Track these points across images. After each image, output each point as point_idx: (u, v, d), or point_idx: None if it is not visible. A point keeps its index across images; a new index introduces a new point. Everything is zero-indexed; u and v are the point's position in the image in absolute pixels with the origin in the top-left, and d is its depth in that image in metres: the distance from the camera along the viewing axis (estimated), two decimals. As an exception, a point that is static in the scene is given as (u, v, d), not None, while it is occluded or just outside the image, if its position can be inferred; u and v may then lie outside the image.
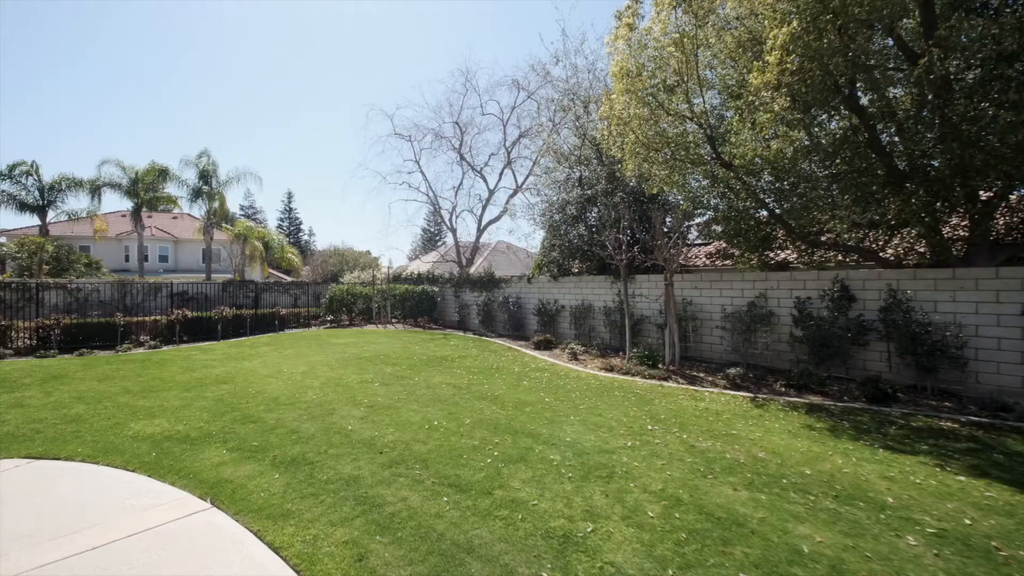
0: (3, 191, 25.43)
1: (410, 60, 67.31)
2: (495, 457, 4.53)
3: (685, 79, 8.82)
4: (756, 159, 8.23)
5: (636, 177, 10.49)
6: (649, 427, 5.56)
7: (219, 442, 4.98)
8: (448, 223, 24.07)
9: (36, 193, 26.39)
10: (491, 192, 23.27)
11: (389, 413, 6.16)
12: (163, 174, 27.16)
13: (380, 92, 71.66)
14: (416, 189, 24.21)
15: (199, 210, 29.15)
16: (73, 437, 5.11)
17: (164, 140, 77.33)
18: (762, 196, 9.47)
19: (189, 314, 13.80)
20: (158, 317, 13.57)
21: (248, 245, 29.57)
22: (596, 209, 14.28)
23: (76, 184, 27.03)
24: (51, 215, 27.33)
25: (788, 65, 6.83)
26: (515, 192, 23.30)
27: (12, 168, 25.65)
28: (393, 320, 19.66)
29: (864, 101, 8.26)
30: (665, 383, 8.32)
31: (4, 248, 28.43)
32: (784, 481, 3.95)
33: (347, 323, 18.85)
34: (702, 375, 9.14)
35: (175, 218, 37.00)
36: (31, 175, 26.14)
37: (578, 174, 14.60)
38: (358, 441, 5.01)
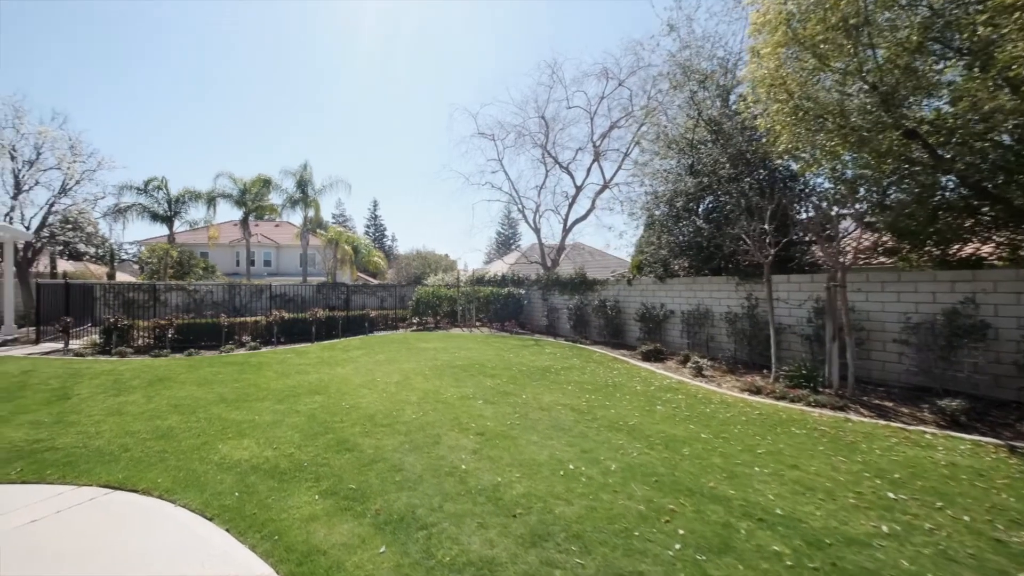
0: (139, 204, 28.37)
1: (494, 56, 67.11)
2: (682, 539, 3.07)
3: (856, 27, 6.78)
4: (995, 114, 5.95)
5: (789, 153, 8.45)
6: (890, 494, 3.77)
7: (311, 479, 4.03)
8: (532, 223, 22.93)
9: (165, 205, 29.17)
10: (578, 189, 21.76)
11: (506, 446, 4.93)
12: (267, 184, 28.92)
13: (463, 91, 72.40)
14: (499, 189, 23.37)
15: (297, 218, 30.88)
16: (158, 460, 4.45)
17: (244, 148, 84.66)
18: (981, 168, 7.06)
19: (285, 316, 13.85)
20: (258, 318, 13.76)
21: (339, 249, 30.73)
22: (711, 199, 12.29)
23: (196, 196, 29.55)
24: (176, 224, 30.26)
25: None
26: (603, 188, 21.62)
27: (147, 183, 28.51)
28: (477, 323, 18.84)
29: None
30: (848, 415, 6.30)
31: (141, 255, 32.00)
32: None
33: (432, 325, 18.33)
34: (888, 404, 6.97)
35: (277, 226, 39.78)
36: (161, 189, 28.96)
37: (690, 160, 12.67)
38: (478, 491, 3.80)
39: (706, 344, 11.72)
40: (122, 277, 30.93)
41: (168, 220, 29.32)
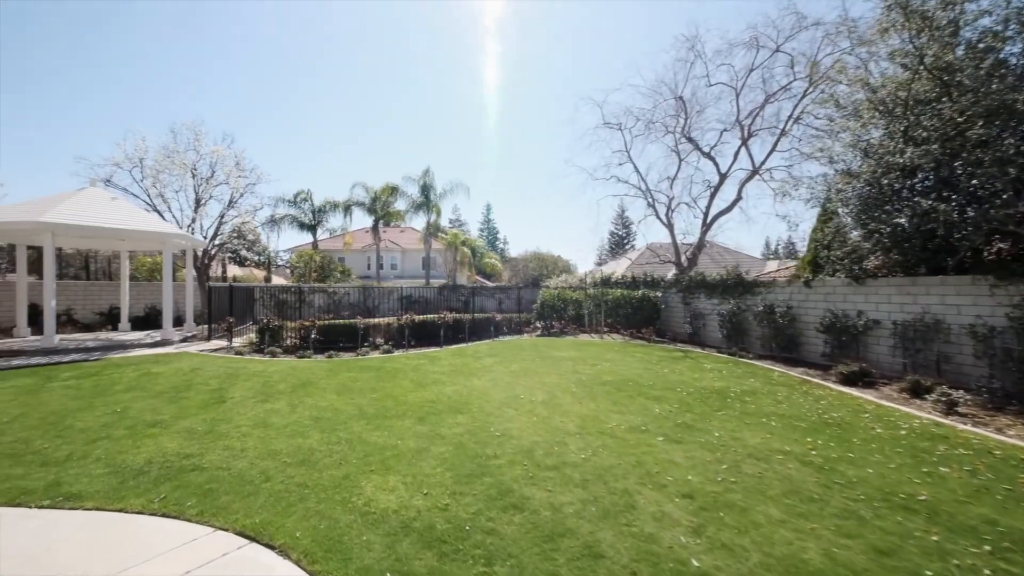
0: (290, 215, 31.74)
1: (624, 36, 63.79)
2: None
3: None
4: None
5: None
6: None
7: (480, 559, 2.88)
8: (663, 218, 20.57)
9: (310, 215, 32.30)
10: (723, 177, 18.93)
11: (739, 524, 3.34)
12: (394, 191, 30.46)
13: (588, 79, 70.02)
14: (625, 182, 21.23)
15: (419, 222, 32.24)
16: (298, 499, 3.70)
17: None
18: None
19: (416, 318, 13.67)
20: (390, 320, 13.79)
21: (458, 252, 31.30)
22: (937, 174, 9.19)
23: (334, 206, 32.24)
24: (319, 232, 33.39)
25: None
26: (752, 174, 18.52)
27: (296, 196, 31.74)
28: (605, 329, 17.15)
29: None
30: None
31: (291, 260, 35.96)
32: None
33: (557, 331, 17.07)
34: None
35: (402, 231, 42.23)
36: (307, 200, 32.12)
37: (903, 125, 9.69)
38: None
39: (936, 366, 8.73)
40: (277, 280, 35.06)
41: (312, 228, 32.44)
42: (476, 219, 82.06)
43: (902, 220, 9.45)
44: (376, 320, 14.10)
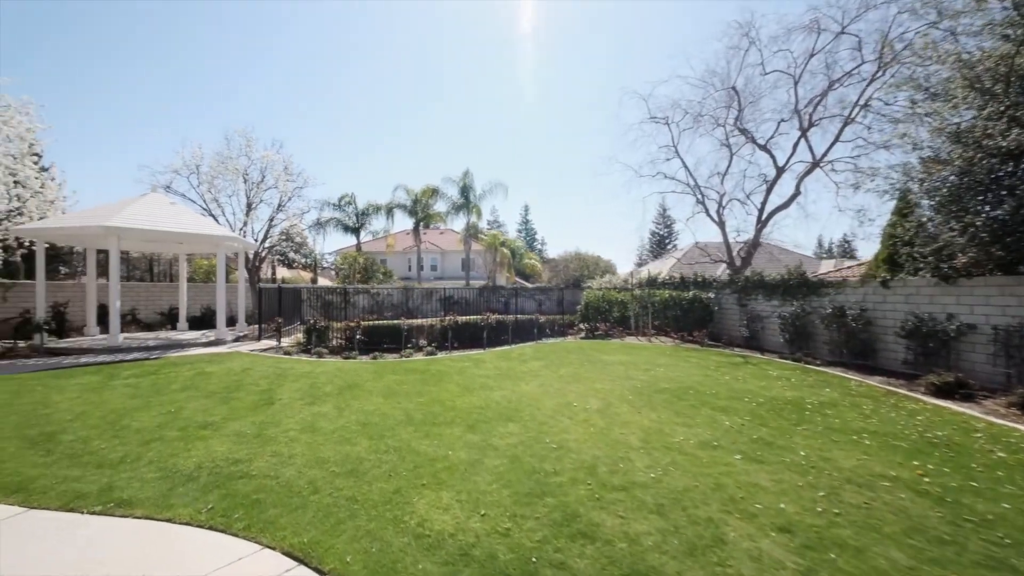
0: (335, 218, 32.52)
1: (670, 26, 61.58)
2: None
3: None
4: None
5: None
6: None
7: (553, 602, 2.50)
8: (714, 216, 19.54)
9: (353, 218, 32.99)
10: (780, 170, 17.72)
11: (856, 571, 2.77)
12: (434, 193, 30.65)
13: (632, 73, 67.85)
14: (672, 179, 20.26)
15: (459, 223, 32.36)
16: (347, 515, 3.44)
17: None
18: None
19: (459, 320, 13.47)
20: (433, 321, 13.67)
21: (498, 253, 31.13)
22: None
23: (377, 209, 32.77)
24: (362, 235, 34.08)
25: None
26: (812, 167, 17.20)
27: (340, 199, 32.47)
28: (652, 332, 16.39)
29: None
30: None
31: (336, 262, 36.88)
32: None
33: (603, 333, 16.48)
34: None
35: (441, 233, 42.59)
36: (351, 204, 32.82)
37: (1002, 105, 8.61)
38: None
39: (1050, 377, 7.62)
40: (323, 281, 36.08)
41: (356, 231, 33.12)
42: (514, 220, 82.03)
43: (1002, 211, 8.39)
44: (419, 321, 14.02)
